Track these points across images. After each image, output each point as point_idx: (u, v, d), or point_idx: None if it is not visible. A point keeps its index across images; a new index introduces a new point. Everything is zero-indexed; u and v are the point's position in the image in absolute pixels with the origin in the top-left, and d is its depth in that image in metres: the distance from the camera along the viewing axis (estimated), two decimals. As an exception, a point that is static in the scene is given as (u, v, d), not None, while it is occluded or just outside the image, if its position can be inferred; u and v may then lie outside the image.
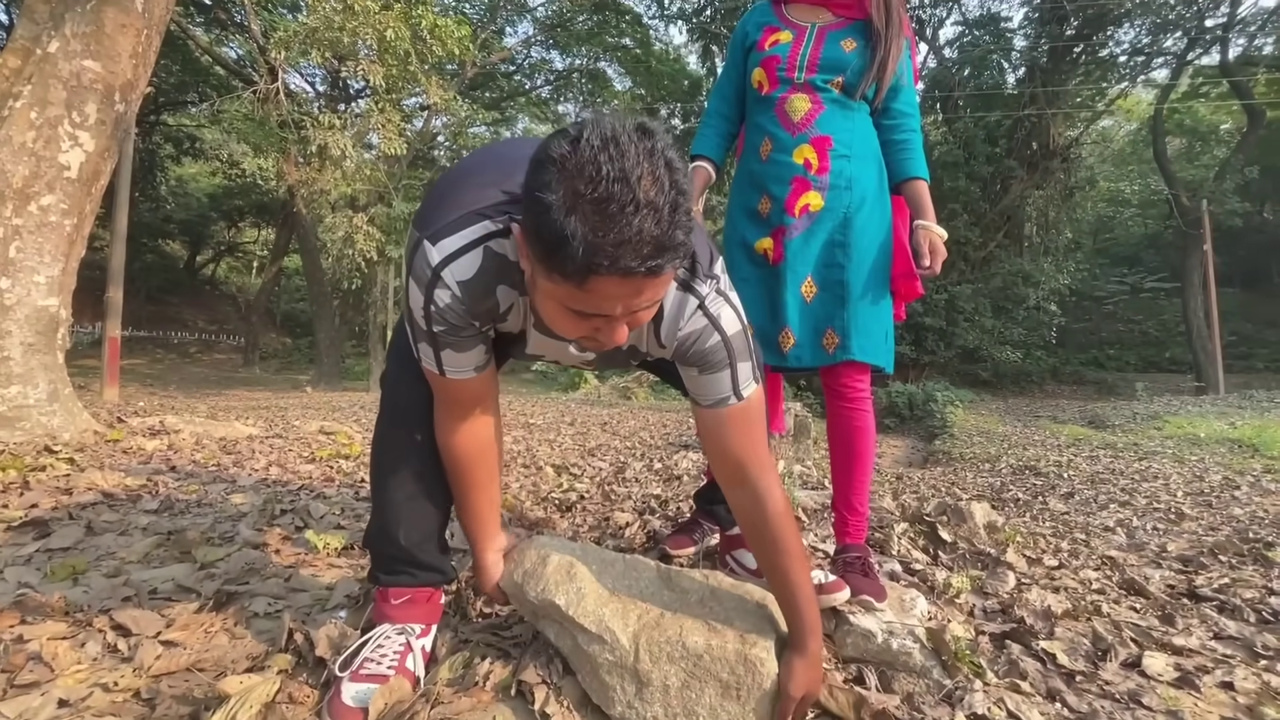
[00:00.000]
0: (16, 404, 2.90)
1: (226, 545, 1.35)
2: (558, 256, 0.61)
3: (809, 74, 1.27)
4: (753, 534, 0.92)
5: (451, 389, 0.88)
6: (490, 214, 0.77)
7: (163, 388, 13.49)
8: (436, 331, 0.80)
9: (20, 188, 2.96)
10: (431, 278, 0.76)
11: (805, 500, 2.16)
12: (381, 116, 11.03)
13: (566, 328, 0.71)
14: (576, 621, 0.87)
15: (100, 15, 3.17)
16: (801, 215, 1.25)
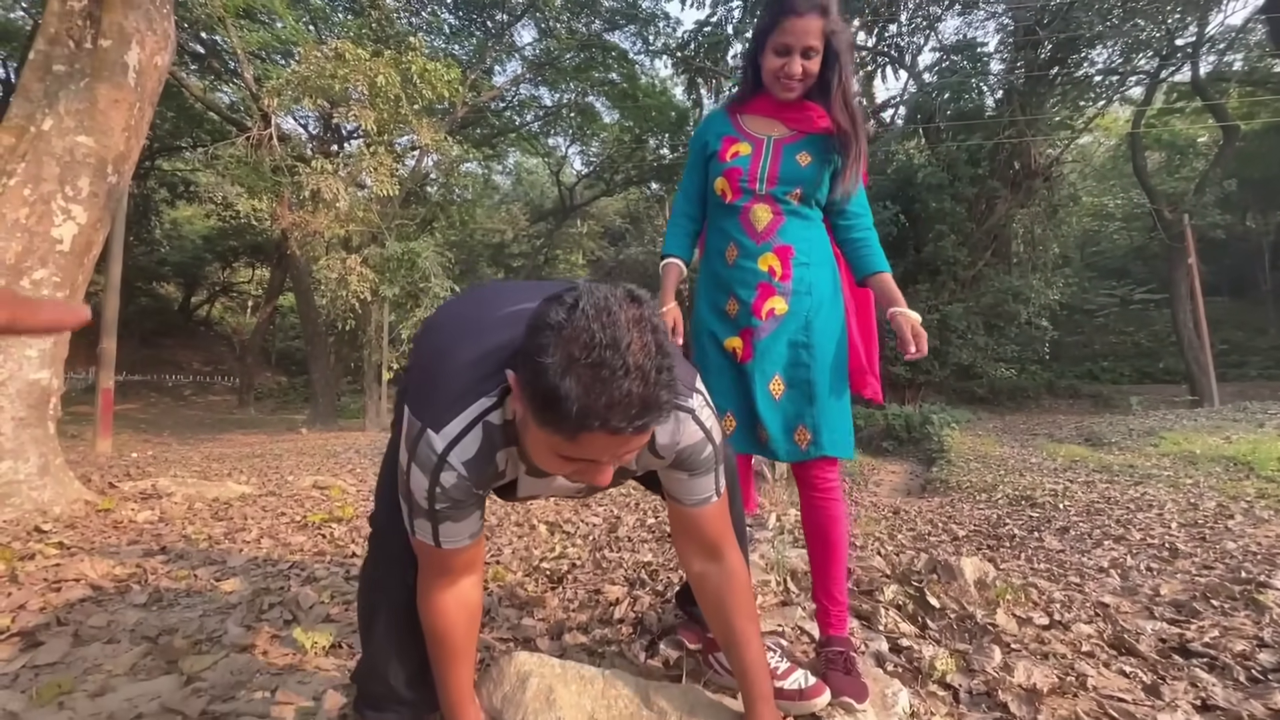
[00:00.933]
0: (7, 480, 2.89)
1: (214, 650, 1.36)
2: (552, 414, 0.67)
3: (769, 186, 1.35)
4: (716, 604, 0.98)
5: (445, 559, 0.89)
6: (484, 389, 0.81)
7: (156, 434, 13.42)
8: (439, 509, 0.83)
9: (13, 264, 3.00)
10: (438, 463, 0.80)
11: (796, 563, 2.16)
12: (373, 160, 11.20)
13: (555, 468, 0.77)
14: None
15: (94, 92, 3.25)
16: (768, 318, 1.33)
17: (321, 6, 15.94)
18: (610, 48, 17.62)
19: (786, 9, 1.29)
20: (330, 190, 10.44)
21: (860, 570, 2.14)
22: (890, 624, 1.62)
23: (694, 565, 0.99)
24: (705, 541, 0.97)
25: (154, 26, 3.45)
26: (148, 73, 3.47)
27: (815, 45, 1.30)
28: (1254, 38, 16.99)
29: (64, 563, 2.02)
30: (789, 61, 1.30)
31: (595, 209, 24.63)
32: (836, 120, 1.33)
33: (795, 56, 1.30)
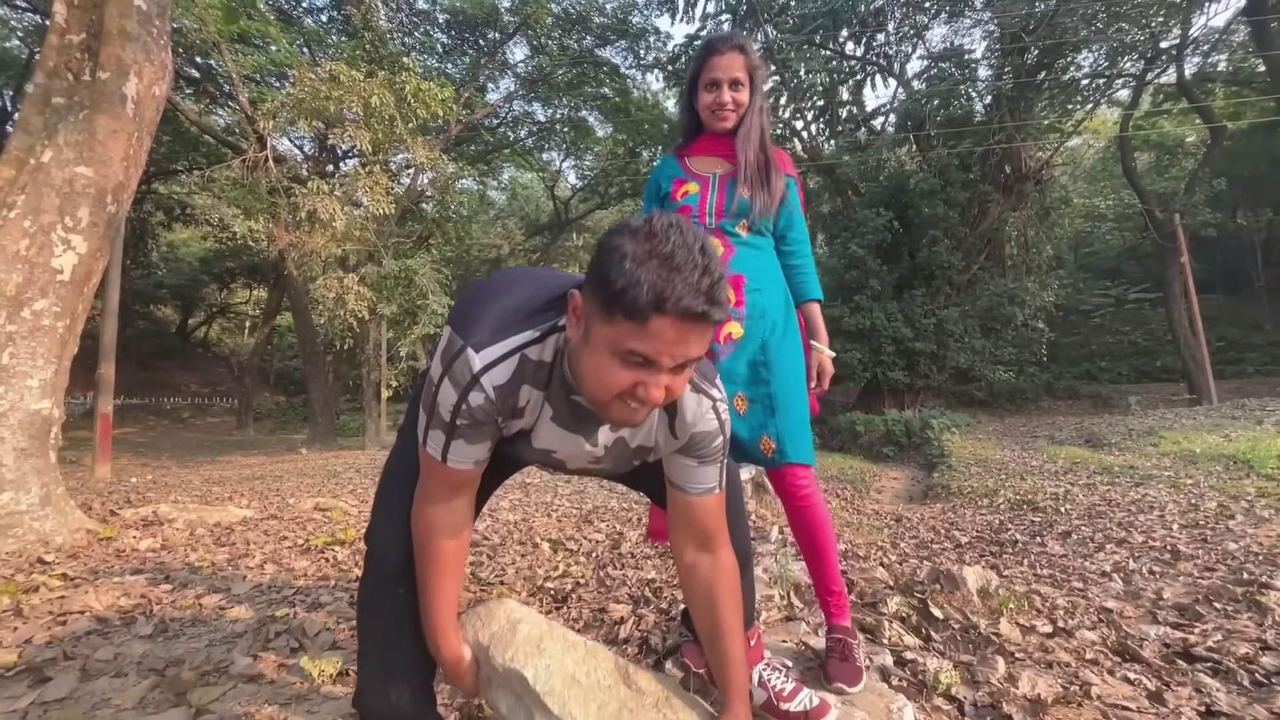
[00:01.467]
0: (9, 510, 2.89)
1: (221, 681, 1.36)
2: (627, 297, 0.74)
3: (718, 219, 1.47)
4: (705, 595, 1.01)
5: (446, 476, 0.92)
6: (527, 325, 0.88)
7: (155, 457, 13.38)
8: (459, 425, 0.87)
9: (13, 295, 3.02)
10: (470, 382, 0.85)
11: (799, 576, 2.17)
12: (369, 179, 11.27)
13: (613, 379, 0.79)
14: (541, 699, 0.87)
15: (93, 123, 3.28)
16: (726, 342, 1.45)
17: (315, 29, 16.12)
18: (602, 63, 17.80)
19: (710, 50, 1.46)
20: (326, 210, 10.50)
21: (863, 582, 2.14)
22: (894, 637, 1.63)
23: (686, 556, 1.03)
24: (702, 533, 1.01)
25: (152, 57, 3.50)
26: (146, 103, 3.51)
27: (740, 77, 1.44)
28: (1237, 38, 17.22)
29: (68, 594, 2.02)
30: (719, 93, 1.45)
31: (590, 222, 24.75)
32: (740, 154, 1.45)
33: (724, 88, 1.44)
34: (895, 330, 15.26)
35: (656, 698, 0.96)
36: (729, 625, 0.99)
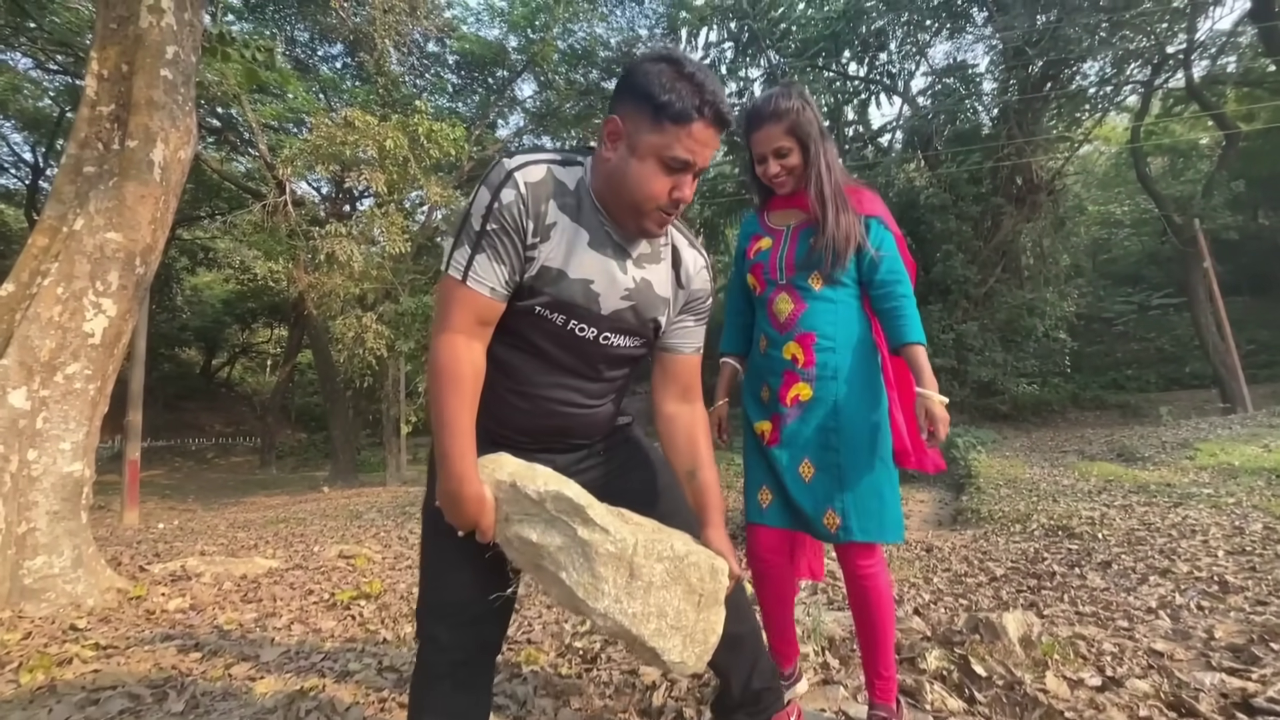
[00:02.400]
0: (42, 575, 2.93)
1: None
2: (676, 105, 0.90)
3: (789, 274, 1.46)
4: (686, 437, 1.15)
5: (464, 301, 0.96)
6: (556, 154, 1.01)
7: (182, 500, 13.55)
8: (489, 229, 0.94)
9: (47, 360, 3.10)
10: (504, 177, 0.95)
11: (833, 629, 2.12)
12: (385, 220, 11.51)
13: (656, 184, 0.95)
14: (584, 512, 0.91)
15: (122, 190, 3.39)
16: (793, 405, 1.41)
17: (331, 76, 16.64)
18: (608, 94, 18.13)
19: (750, 125, 1.47)
20: (344, 251, 10.72)
21: (899, 633, 2.08)
22: (936, 700, 1.57)
23: (668, 407, 1.17)
24: (685, 386, 1.18)
25: (177, 124, 3.62)
26: (172, 167, 3.63)
27: (783, 146, 1.43)
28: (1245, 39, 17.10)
29: (101, 668, 2.03)
30: (766, 166, 1.47)
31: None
32: (810, 206, 1.44)
33: (770, 160, 1.45)
34: (914, 347, 15.11)
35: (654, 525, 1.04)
36: (705, 458, 1.14)
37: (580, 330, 1.03)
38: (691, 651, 0.96)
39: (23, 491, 2.96)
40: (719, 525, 1.11)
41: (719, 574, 1.01)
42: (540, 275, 0.99)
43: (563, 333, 1.03)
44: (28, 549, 2.94)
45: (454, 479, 0.92)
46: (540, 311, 1.01)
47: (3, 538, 2.87)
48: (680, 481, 1.18)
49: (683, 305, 1.14)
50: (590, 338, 1.05)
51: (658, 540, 0.96)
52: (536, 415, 1.09)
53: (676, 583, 0.96)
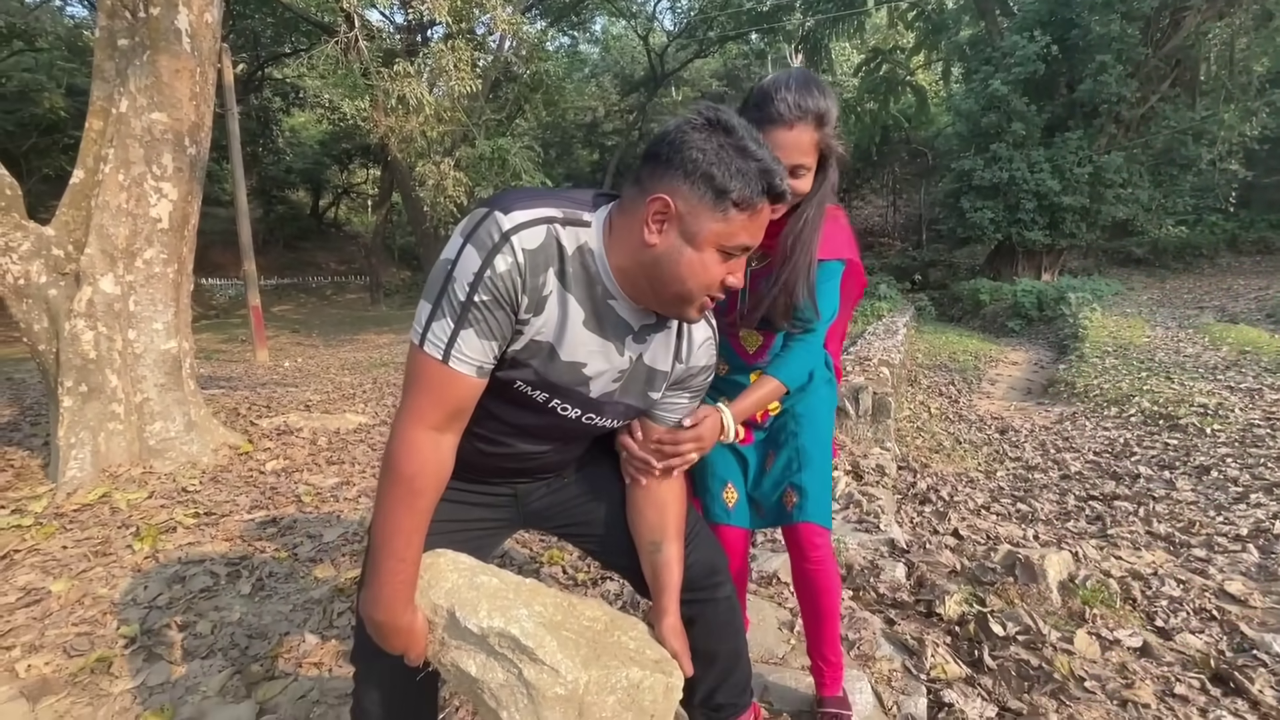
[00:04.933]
0: (161, 438, 3.39)
1: (283, 676, 1.56)
2: (741, 191, 0.81)
3: (750, 322, 1.27)
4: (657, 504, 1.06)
5: (443, 385, 0.82)
6: (554, 204, 0.86)
7: (307, 335, 15.16)
8: (477, 301, 0.79)
9: (125, 246, 3.29)
10: (498, 241, 0.79)
11: (854, 554, 2.06)
12: (453, 55, 10.85)
13: (713, 273, 0.85)
14: (532, 654, 0.83)
15: (156, 65, 3.29)
16: (765, 418, 1.37)
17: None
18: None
19: (769, 115, 1.07)
20: (413, 95, 10.36)
21: (925, 567, 2.00)
22: (937, 666, 1.52)
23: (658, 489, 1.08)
24: None
25: (195, -18, 3.37)
26: (201, 34, 3.45)
27: (806, 162, 1.10)
28: None
29: (195, 541, 2.38)
30: None
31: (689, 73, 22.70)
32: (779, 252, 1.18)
33: None
34: (1039, 183, 13.20)
35: (604, 622, 0.99)
36: (673, 532, 1.06)
37: (563, 409, 0.94)
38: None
39: (131, 367, 3.33)
40: (674, 613, 1.04)
41: (672, 692, 0.96)
42: (527, 348, 0.87)
43: (543, 409, 0.94)
44: (146, 415, 3.38)
45: (380, 607, 0.83)
46: (520, 386, 0.90)
47: (124, 406, 3.30)
48: (639, 547, 1.09)
49: (677, 379, 1.02)
50: (573, 417, 0.96)
51: (610, 672, 0.88)
52: (499, 460, 1.01)
53: (628, 709, 0.90)
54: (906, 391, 5.75)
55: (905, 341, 8.02)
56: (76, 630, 1.80)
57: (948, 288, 16.38)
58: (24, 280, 3.13)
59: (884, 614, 1.76)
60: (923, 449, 3.91)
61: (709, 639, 1.14)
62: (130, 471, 3.20)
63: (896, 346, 6.24)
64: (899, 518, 2.54)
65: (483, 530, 1.06)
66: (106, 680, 1.58)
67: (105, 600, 1.96)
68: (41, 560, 2.25)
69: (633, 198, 0.86)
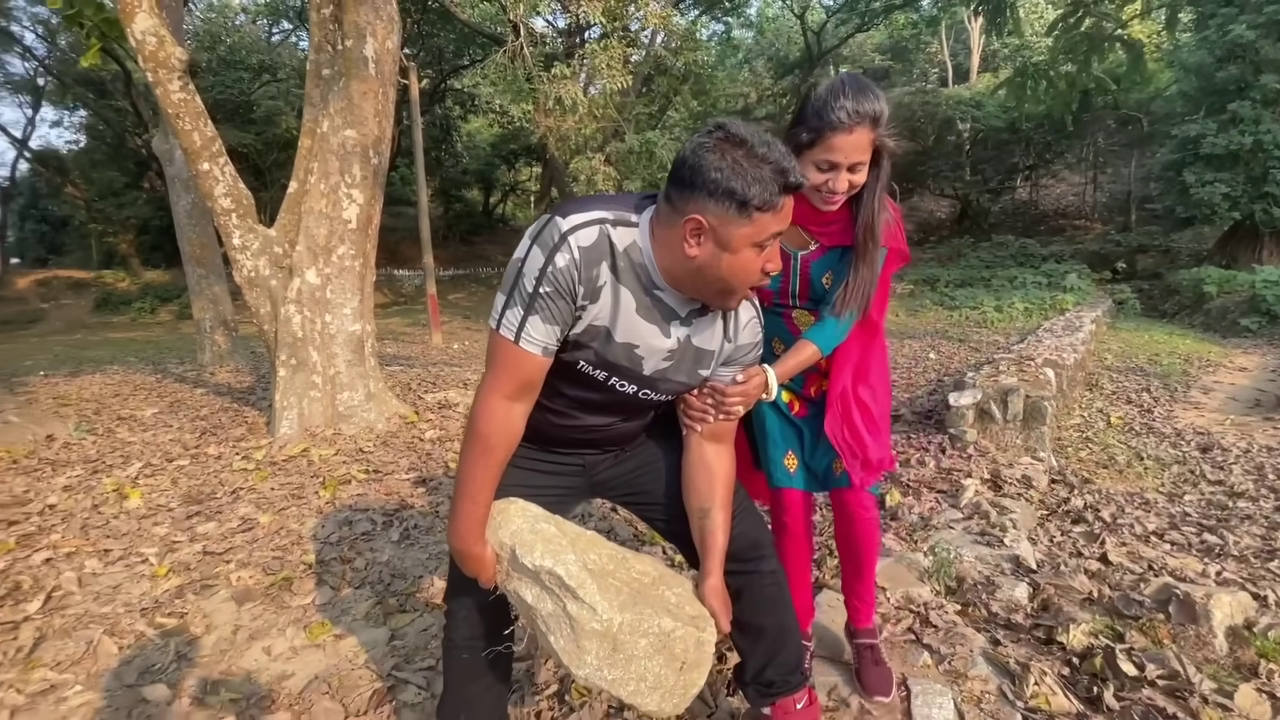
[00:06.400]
0: (348, 405, 4.02)
1: (415, 609, 1.82)
2: (761, 195, 0.89)
3: (802, 301, 1.39)
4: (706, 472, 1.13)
5: (515, 364, 0.97)
6: (607, 208, 0.98)
7: (476, 321, 16.78)
8: (542, 292, 0.93)
9: (323, 244, 3.93)
10: (558, 241, 0.93)
11: (968, 568, 1.91)
12: (604, 55, 11.31)
13: (754, 268, 0.95)
14: (574, 592, 0.96)
15: (349, 89, 3.88)
16: (818, 393, 1.44)
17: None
18: None
19: (833, 124, 1.15)
20: (569, 95, 10.96)
21: (1054, 590, 1.80)
22: (1040, 696, 1.37)
23: (699, 444, 1.15)
24: (716, 431, 1.15)
25: (380, 14, 3.90)
26: (384, 59, 3.99)
27: (863, 160, 1.20)
28: None
29: (363, 493, 2.82)
30: (834, 178, 1.20)
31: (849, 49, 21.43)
32: (856, 243, 1.28)
33: (841, 173, 1.19)
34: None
35: (653, 577, 1.10)
36: (721, 499, 1.13)
37: (621, 386, 1.07)
38: (669, 703, 1.02)
39: (326, 345, 3.99)
40: (717, 575, 1.11)
41: (704, 645, 1.04)
42: (587, 331, 1.00)
43: (603, 386, 1.07)
44: (337, 386, 4.03)
45: (458, 537, 1.01)
46: (583, 367, 1.04)
47: (321, 378, 3.96)
48: (689, 512, 1.16)
49: (727, 357, 1.12)
50: (630, 392, 1.08)
51: (644, 618, 0.99)
52: (569, 431, 1.14)
53: (660, 653, 0.99)
54: (1082, 396, 5.05)
55: (1090, 340, 7.00)
56: (272, 554, 2.25)
57: (1160, 278, 13.91)
58: (254, 273, 3.87)
59: (990, 633, 1.62)
60: (1088, 462, 3.43)
61: (755, 612, 1.21)
62: (324, 432, 3.84)
63: (1075, 345, 5.49)
64: (1036, 535, 2.28)
65: (555, 495, 1.18)
66: (288, 595, 1.97)
67: (295, 533, 2.42)
68: (256, 498, 2.81)
69: (668, 214, 0.95)
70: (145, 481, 3.08)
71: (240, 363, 6.75)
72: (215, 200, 3.73)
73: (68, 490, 2.96)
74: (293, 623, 1.82)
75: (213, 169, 3.70)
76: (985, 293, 12.83)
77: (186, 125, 3.58)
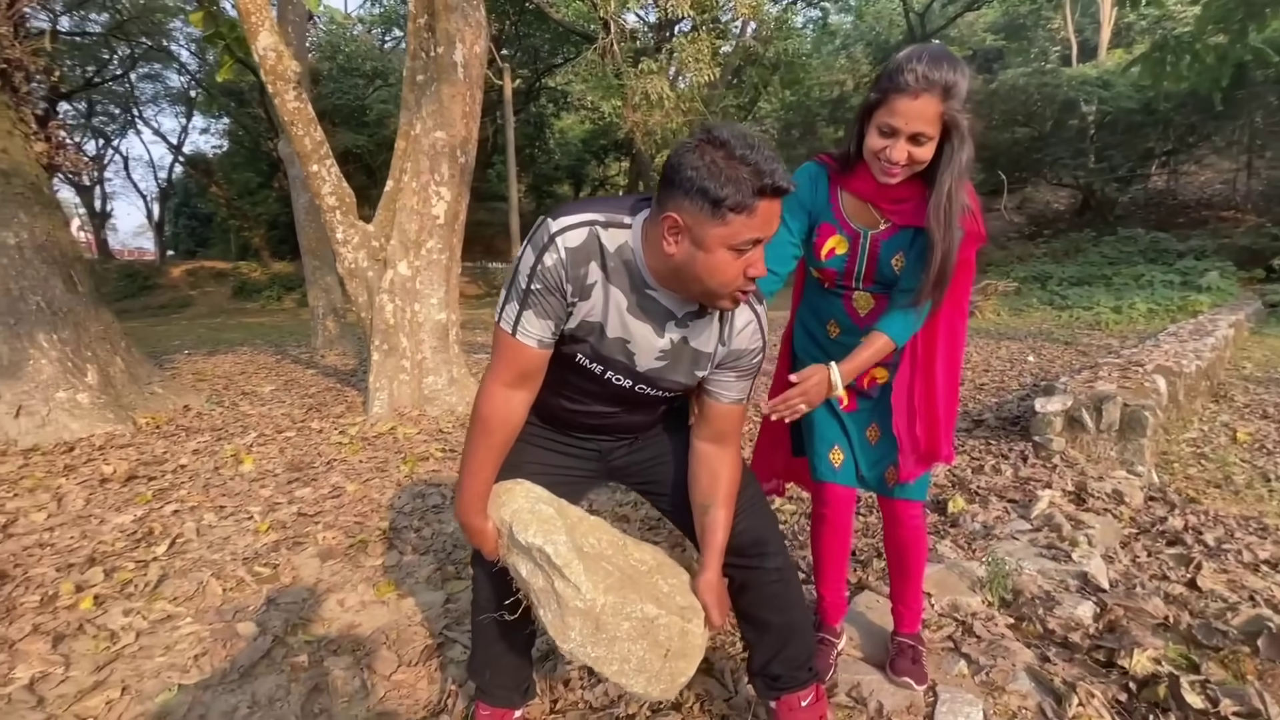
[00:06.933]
0: (432, 389, 4.31)
1: (465, 579, 1.96)
2: (736, 195, 0.88)
3: (867, 284, 1.32)
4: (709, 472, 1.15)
5: (514, 354, 1.04)
6: (598, 210, 1.02)
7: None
8: (533, 289, 1.00)
9: (414, 238, 4.23)
10: (547, 242, 0.99)
11: (1028, 581, 1.81)
12: (692, 48, 11.29)
13: (731, 270, 0.95)
14: (561, 571, 1.01)
15: (439, 93, 4.14)
16: (870, 385, 1.38)
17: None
18: None
19: (897, 85, 1.10)
20: (656, 90, 11.04)
21: (1123, 611, 1.67)
22: (1084, 719, 1.29)
23: (699, 443, 1.18)
24: (722, 431, 1.16)
25: (469, 20, 4.13)
26: (471, 63, 4.22)
27: (928, 131, 1.11)
28: None
29: (438, 470, 3.03)
30: (892, 145, 1.13)
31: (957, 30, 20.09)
32: (929, 226, 1.18)
33: (900, 141, 1.13)
34: None
35: (650, 566, 1.14)
36: (723, 497, 1.14)
37: (616, 380, 1.11)
38: (655, 688, 1.06)
39: (415, 332, 4.30)
40: (713, 570, 1.14)
41: (689, 635, 1.07)
42: (581, 327, 1.05)
43: (600, 379, 1.11)
44: (424, 370, 4.33)
45: (461, 510, 1.10)
46: (580, 360, 1.09)
47: (410, 362, 4.28)
48: (693, 506, 1.19)
49: (722, 360, 1.12)
50: (625, 386, 1.12)
51: (628, 603, 1.03)
52: (581, 417, 1.20)
53: (643, 638, 1.03)
54: (1204, 409, 4.54)
55: (1225, 346, 6.26)
56: (354, 519, 2.48)
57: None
58: (354, 264, 4.23)
59: (1040, 650, 1.53)
60: (1198, 480, 3.09)
61: (758, 607, 1.23)
62: (410, 413, 4.15)
63: (1200, 351, 4.94)
64: (1115, 553, 2.10)
65: (572, 477, 1.25)
66: (363, 557, 2.18)
67: (375, 502, 2.65)
68: (346, 468, 3.10)
69: (654, 214, 0.98)
70: (258, 449, 3.47)
71: (347, 347, 7.36)
72: (323, 198, 4.11)
73: (196, 453, 3.39)
74: (364, 580, 2.02)
75: (320, 170, 4.07)
76: (1104, 292, 11.70)
77: (299, 131, 3.96)
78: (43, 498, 2.73)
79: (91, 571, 2.07)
